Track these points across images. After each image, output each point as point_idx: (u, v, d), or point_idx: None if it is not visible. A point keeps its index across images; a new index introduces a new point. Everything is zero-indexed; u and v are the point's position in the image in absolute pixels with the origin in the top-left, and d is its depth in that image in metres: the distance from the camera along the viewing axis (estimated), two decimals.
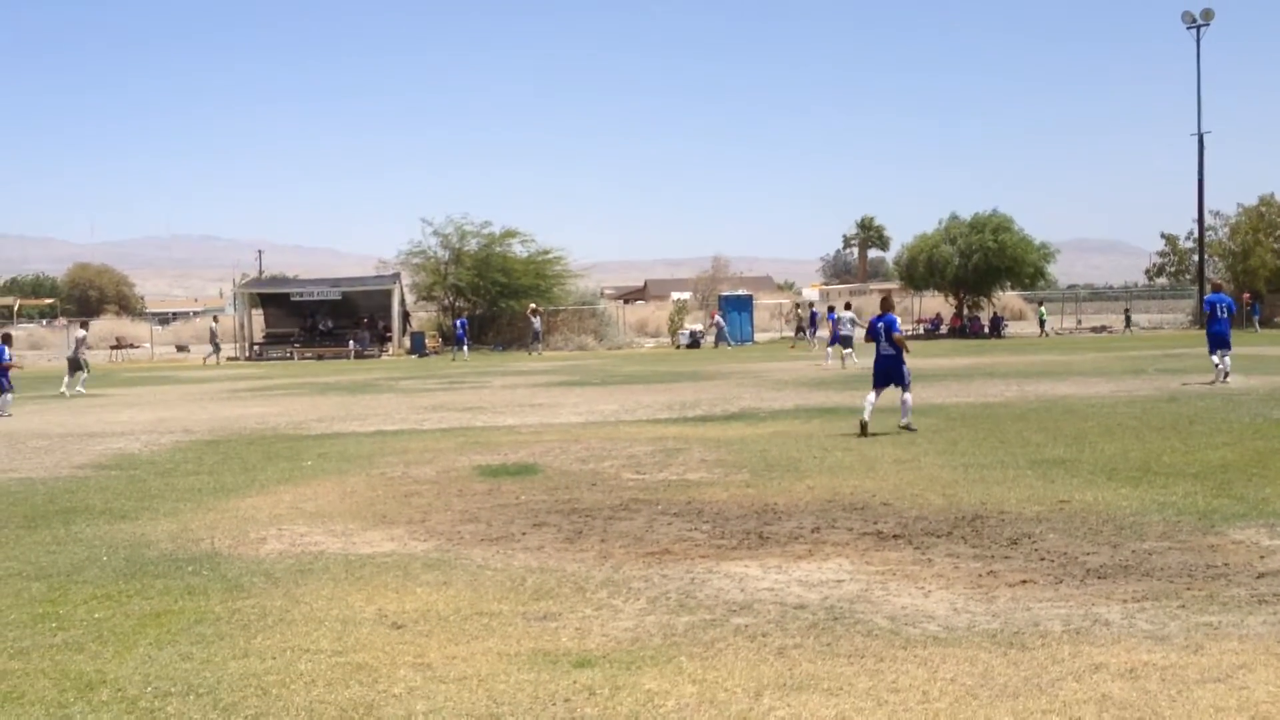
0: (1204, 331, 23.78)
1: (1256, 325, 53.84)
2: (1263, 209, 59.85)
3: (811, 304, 55.71)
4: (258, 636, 6.58)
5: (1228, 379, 21.97)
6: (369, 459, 14.42)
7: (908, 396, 16.32)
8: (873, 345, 17.23)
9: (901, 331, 17.32)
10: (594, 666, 5.81)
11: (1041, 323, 58.83)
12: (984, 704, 5.14)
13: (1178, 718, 4.92)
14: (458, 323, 50.31)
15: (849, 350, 33.27)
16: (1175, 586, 7.16)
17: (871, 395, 16.19)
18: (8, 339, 25.00)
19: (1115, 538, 8.64)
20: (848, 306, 37.10)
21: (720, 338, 53.56)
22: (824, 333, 41.37)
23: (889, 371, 16.50)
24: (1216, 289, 25.76)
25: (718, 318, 55.73)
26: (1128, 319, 60.08)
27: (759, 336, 58.46)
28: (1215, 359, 22.39)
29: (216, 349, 49.74)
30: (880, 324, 16.83)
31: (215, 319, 55.50)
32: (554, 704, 5.29)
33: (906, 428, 15.73)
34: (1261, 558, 7.87)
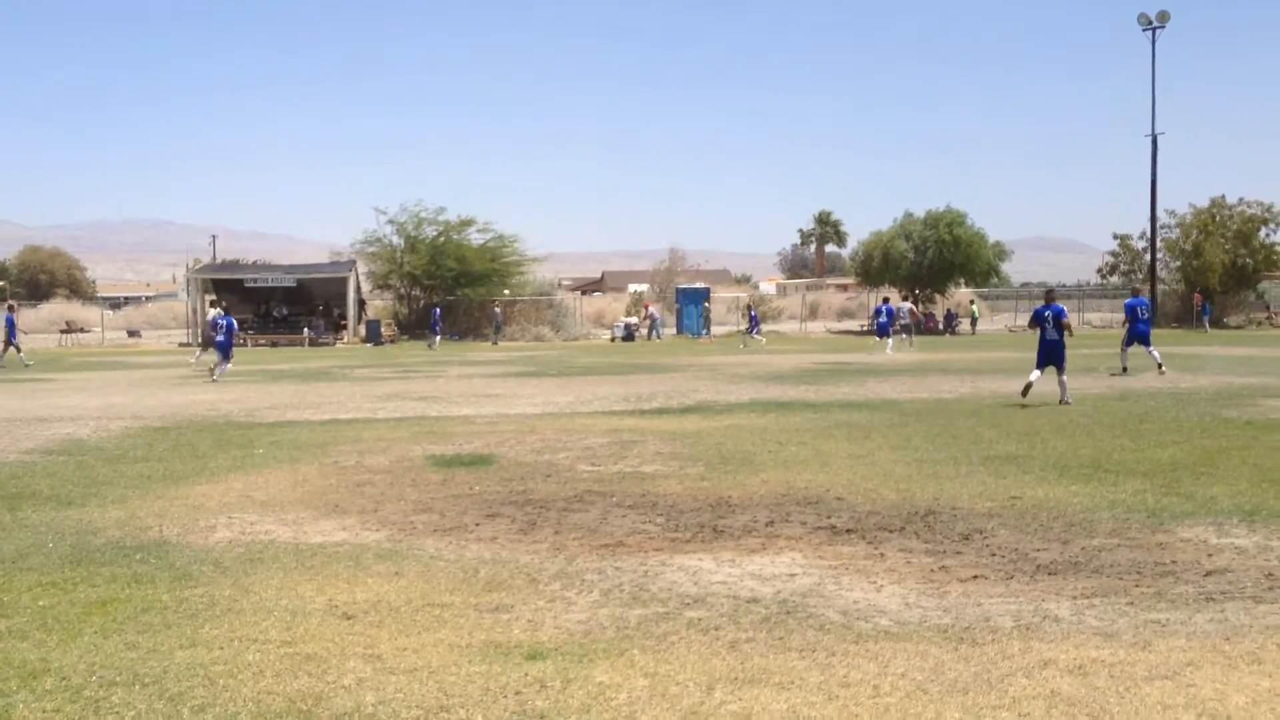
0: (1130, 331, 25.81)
1: (1206, 325, 54.57)
2: (1214, 210, 60.63)
3: (749, 304, 55.66)
4: (205, 626, 6.50)
5: (1162, 369, 24.43)
6: (322, 447, 14.31)
7: (1065, 378, 18.90)
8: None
9: (1069, 320, 19.87)
10: (546, 659, 5.79)
11: (974, 320, 59.04)
12: (934, 699, 5.16)
13: (1125, 714, 4.97)
14: (434, 311, 50.08)
15: (902, 337, 39.03)
16: (1124, 583, 7.23)
17: (1036, 373, 19.06)
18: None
19: (1065, 534, 8.71)
20: (905, 298, 43.73)
21: (653, 330, 53.45)
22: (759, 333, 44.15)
23: (1053, 354, 19.07)
24: (1136, 293, 27.97)
25: (651, 310, 55.66)
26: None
27: (716, 330, 58.53)
28: (1129, 352, 25.52)
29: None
30: (1048, 312, 19.36)
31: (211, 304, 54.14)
32: (505, 696, 5.26)
33: (1064, 402, 18.28)
34: (1209, 556, 7.96)
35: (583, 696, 5.25)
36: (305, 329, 52.29)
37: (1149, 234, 61.39)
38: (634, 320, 55.94)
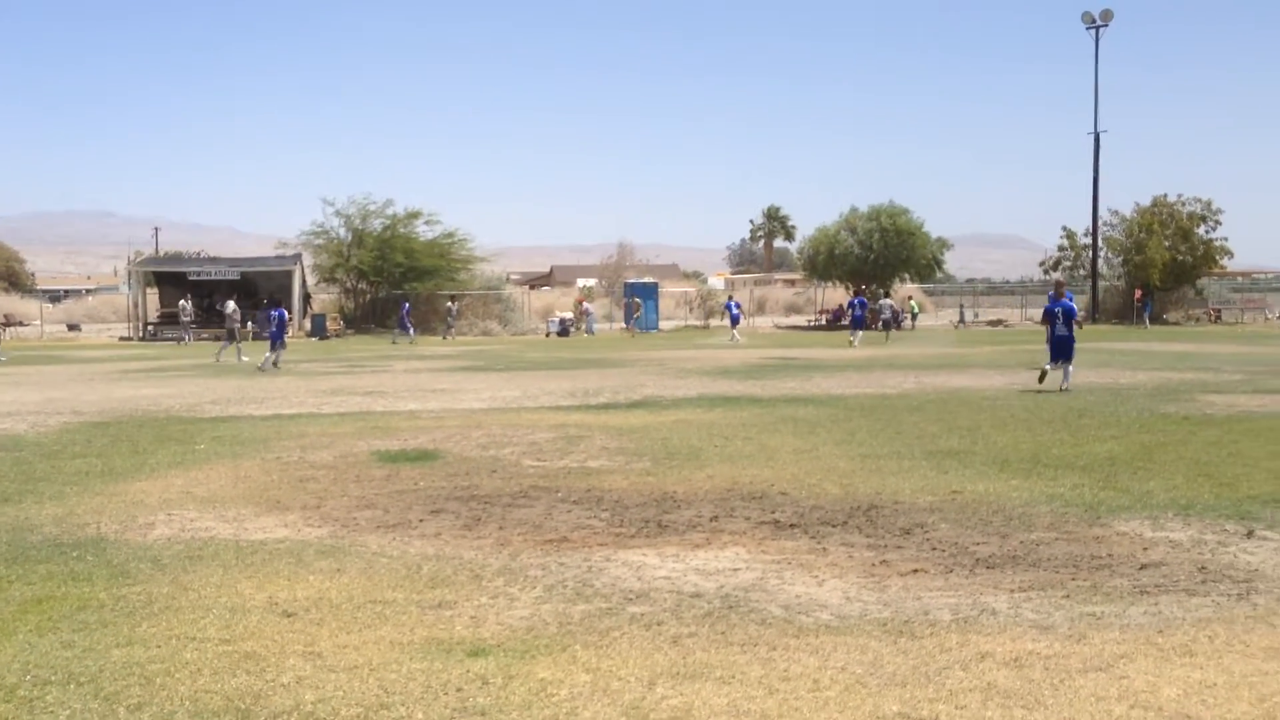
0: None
1: (1146, 321, 55.37)
2: (1156, 208, 61.49)
3: (636, 299, 55.61)
4: (143, 624, 6.43)
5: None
6: (264, 443, 14.18)
7: (1071, 368, 20.39)
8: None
9: (1078, 316, 21.61)
10: (488, 655, 5.78)
11: (913, 316, 59.39)
12: (873, 692, 5.21)
13: (1060, 706, 5.04)
14: (404, 306, 49.71)
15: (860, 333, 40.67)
16: (1061, 577, 7.33)
17: (1049, 364, 20.45)
18: None
19: (1005, 528, 8.82)
20: (858, 294, 46.30)
21: (588, 326, 53.30)
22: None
23: (1063, 347, 20.39)
24: (1058, 291, 26.58)
25: (586, 305, 55.56)
26: (961, 315, 62.72)
27: (664, 324, 58.62)
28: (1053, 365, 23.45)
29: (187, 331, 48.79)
30: (1058, 309, 20.76)
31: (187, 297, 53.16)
32: (446, 693, 5.25)
33: (1065, 390, 19.71)
34: (1144, 549, 8.09)
35: (524, 693, 5.25)
36: (249, 323, 51.75)
37: (1092, 231, 62.22)
38: (569, 316, 55.67)
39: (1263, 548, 8.10)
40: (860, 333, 40.86)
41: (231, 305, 36.52)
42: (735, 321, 47.32)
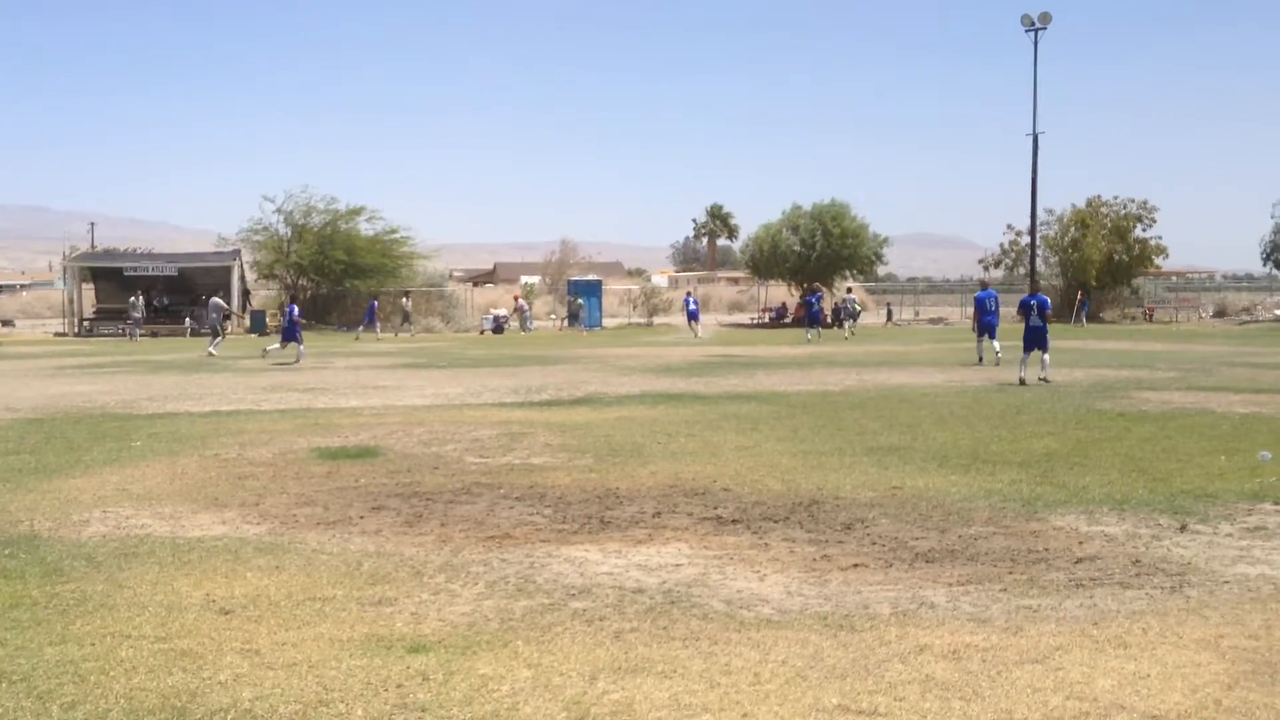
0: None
1: (1083, 320, 56.12)
2: (1091, 208, 62.30)
3: (576, 298, 55.71)
4: (77, 622, 6.33)
5: (998, 359, 25.83)
6: (202, 440, 14.01)
7: (1047, 357, 21.37)
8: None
9: (1050, 310, 22.82)
10: (428, 652, 5.75)
11: (855, 315, 59.66)
12: (813, 685, 5.25)
13: (997, 697, 5.10)
14: (371, 304, 49.31)
15: (851, 322, 43.95)
16: (998, 570, 7.42)
17: (1025, 357, 21.36)
18: None
19: (944, 523, 8.91)
20: (814, 290, 48.27)
21: (524, 323, 53.07)
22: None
23: (1038, 339, 21.37)
24: (984, 286, 29.44)
25: (521, 302, 55.32)
26: (889, 313, 63.57)
27: (608, 322, 58.61)
28: (983, 345, 26.79)
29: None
30: (1034, 302, 22.01)
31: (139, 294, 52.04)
32: (386, 690, 5.22)
33: (1046, 380, 20.84)
34: (1080, 543, 8.21)
35: (465, 689, 5.22)
36: (187, 319, 51.11)
37: (1030, 230, 62.94)
38: (503, 312, 55.07)
39: (1195, 541, 8.25)
40: (818, 329, 41.50)
41: (217, 300, 37.65)
42: (694, 317, 48.05)
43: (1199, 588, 6.98)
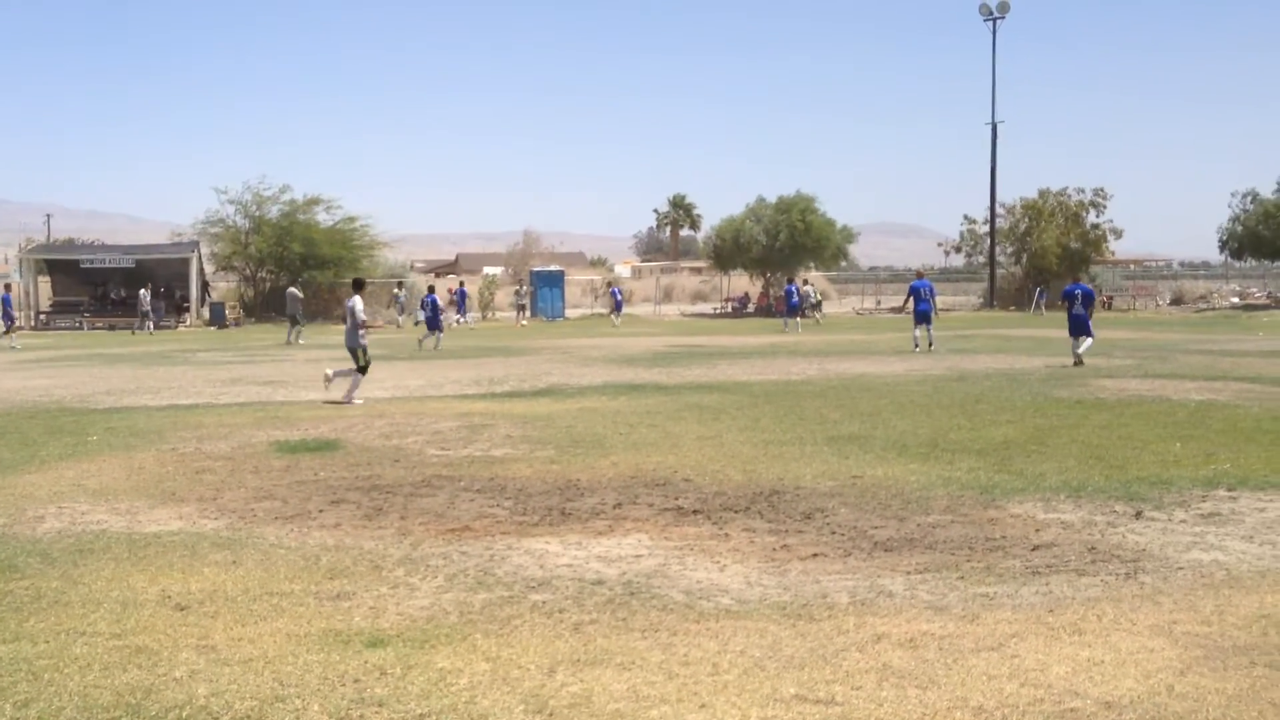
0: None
1: (1042, 308, 56.55)
2: (1045, 197, 62.71)
3: (609, 283, 55.77)
4: (31, 619, 6.26)
5: (932, 347, 27.52)
6: (160, 434, 13.88)
7: (1090, 342, 22.88)
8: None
9: (1095, 298, 24.92)
10: (387, 646, 5.72)
11: (815, 305, 59.80)
12: (771, 675, 5.27)
13: (953, 685, 5.13)
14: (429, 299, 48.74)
15: (797, 319, 42.36)
16: (956, 558, 7.47)
17: (1075, 341, 22.72)
18: None
19: (902, 512, 8.96)
20: (805, 282, 49.16)
21: (462, 315, 52.37)
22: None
23: (1079, 325, 22.84)
24: (920, 276, 31.28)
25: (461, 291, 54.66)
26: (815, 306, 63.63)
27: (570, 312, 58.52)
28: (918, 332, 28.31)
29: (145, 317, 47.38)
30: (1077, 291, 23.57)
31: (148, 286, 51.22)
32: (343, 685, 5.19)
33: (1079, 361, 22.24)
34: (1036, 531, 8.27)
35: (423, 683, 5.21)
36: (147, 310, 50.59)
37: (989, 218, 63.40)
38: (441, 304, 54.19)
39: (1150, 528, 8.33)
40: (797, 319, 42.11)
41: (293, 290, 38.98)
42: (619, 308, 50.24)
43: (1153, 574, 7.06)
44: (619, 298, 51.72)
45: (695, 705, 4.92)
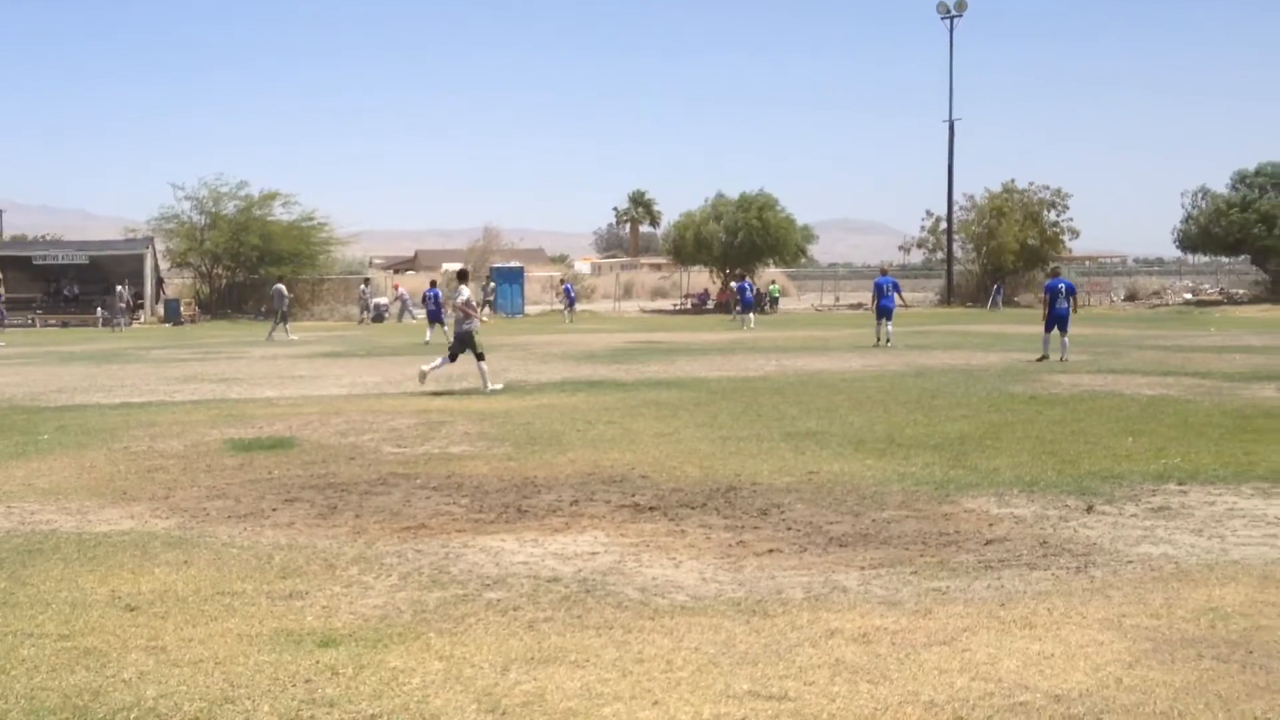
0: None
1: (999, 304, 57.00)
2: (1006, 195, 63.16)
3: (562, 280, 55.88)
4: None
5: (889, 343, 28.17)
6: (112, 432, 13.72)
7: (1067, 340, 22.85)
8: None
9: (1076, 294, 25.05)
10: (339, 645, 5.68)
11: (774, 300, 59.95)
12: (724, 671, 5.27)
13: (904, 679, 5.16)
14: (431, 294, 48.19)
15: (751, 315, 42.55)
16: (910, 553, 7.51)
17: (1047, 336, 22.96)
18: None
19: (858, 507, 9.00)
20: (742, 277, 48.97)
21: (404, 312, 51.54)
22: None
23: (1062, 320, 22.96)
24: (883, 272, 32.19)
25: (401, 290, 54.09)
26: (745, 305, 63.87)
27: (530, 309, 58.39)
28: (880, 328, 28.86)
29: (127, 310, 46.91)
30: (1062, 285, 23.57)
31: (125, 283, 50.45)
32: (294, 685, 5.15)
33: (1064, 359, 22.27)
34: (990, 525, 8.34)
35: (375, 682, 5.18)
36: (99, 308, 50.06)
37: (947, 215, 63.80)
38: (384, 301, 53.24)
39: (1101, 522, 8.41)
40: (751, 315, 42.37)
41: (280, 287, 38.69)
42: (571, 305, 51.36)
43: (1104, 568, 7.13)
44: (572, 294, 52.60)
45: (648, 702, 4.92)
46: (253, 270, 53.95)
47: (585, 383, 19.55)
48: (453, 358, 18.68)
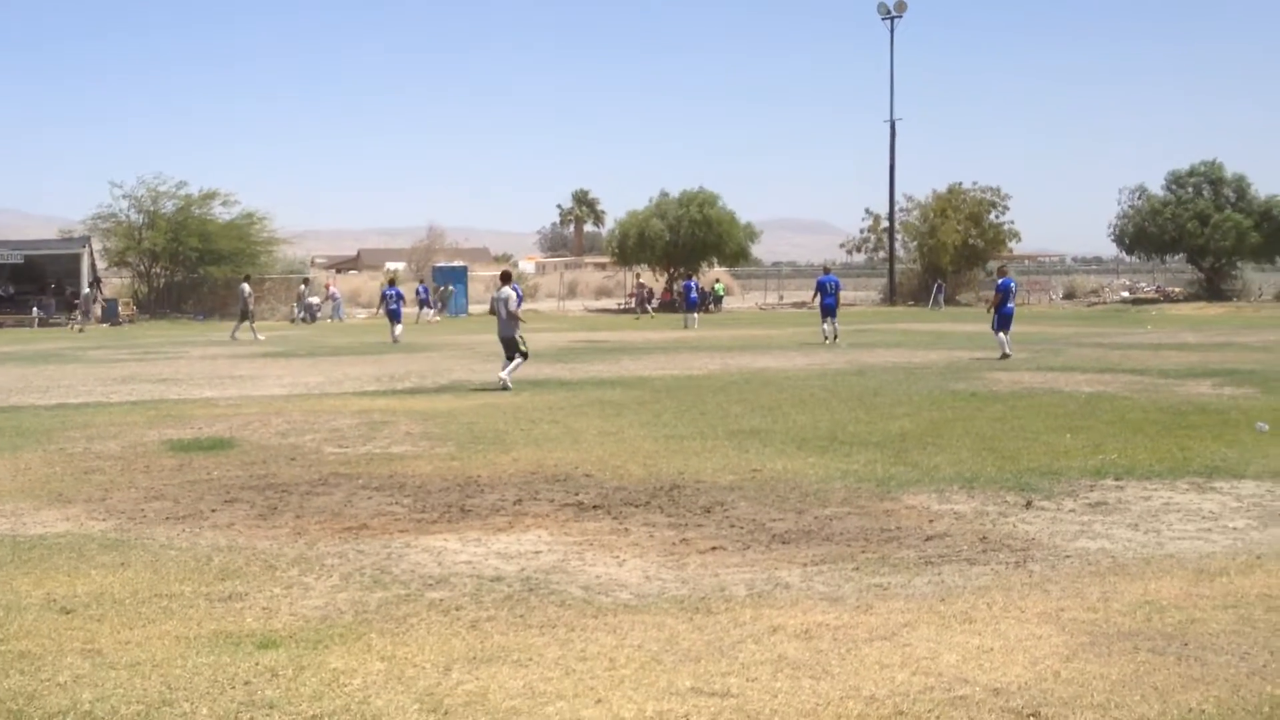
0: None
1: (941, 303, 57.54)
2: (950, 196, 63.74)
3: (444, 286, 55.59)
4: None
5: (836, 340, 28.72)
6: (47, 434, 13.49)
7: (1007, 337, 23.30)
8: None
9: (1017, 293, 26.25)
10: (279, 647, 5.63)
11: (718, 299, 60.02)
12: (667, 668, 5.28)
13: (846, 675, 5.20)
14: (421, 287, 47.23)
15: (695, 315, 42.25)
16: (852, 550, 7.57)
17: (1003, 335, 23.14)
18: None
19: (801, 504, 9.05)
20: (689, 276, 49.10)
21: (335, 312, 50.65)
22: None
23: (1009, 319, 23.55)
24: (826, 271, 32.75)
25: (333, 289, 53.42)
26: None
27: (474, 309, 58.10)
28: (825, 326, 29.37)
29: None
30: (1012, 284, 24.26)
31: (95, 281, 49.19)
32: (233, 687, 5.09)
33: (1006, 356, 22.61)
34: (930, 521, 8.42)
35: (315, 684, 5.13)
36: (34, 308, 49.16)
37: (889, 215, 64.30)
38: (315, 300, 51.69)
39: (1040, 517, 8.52)
40: (696, 315, 42.34)
41: (246, 287, 37.81)
42: (519, 302, 49.47)
43: (1042, 562, 7.22)
44: (519, 294, 51.91)
45: (591, 700, 4.92)
46: (192, 270, 53.24)
47: (529, 382, 19.47)
48: (522, 356, 18.85)
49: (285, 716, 4.78)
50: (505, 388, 17.94)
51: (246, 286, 38.43)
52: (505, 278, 20.48)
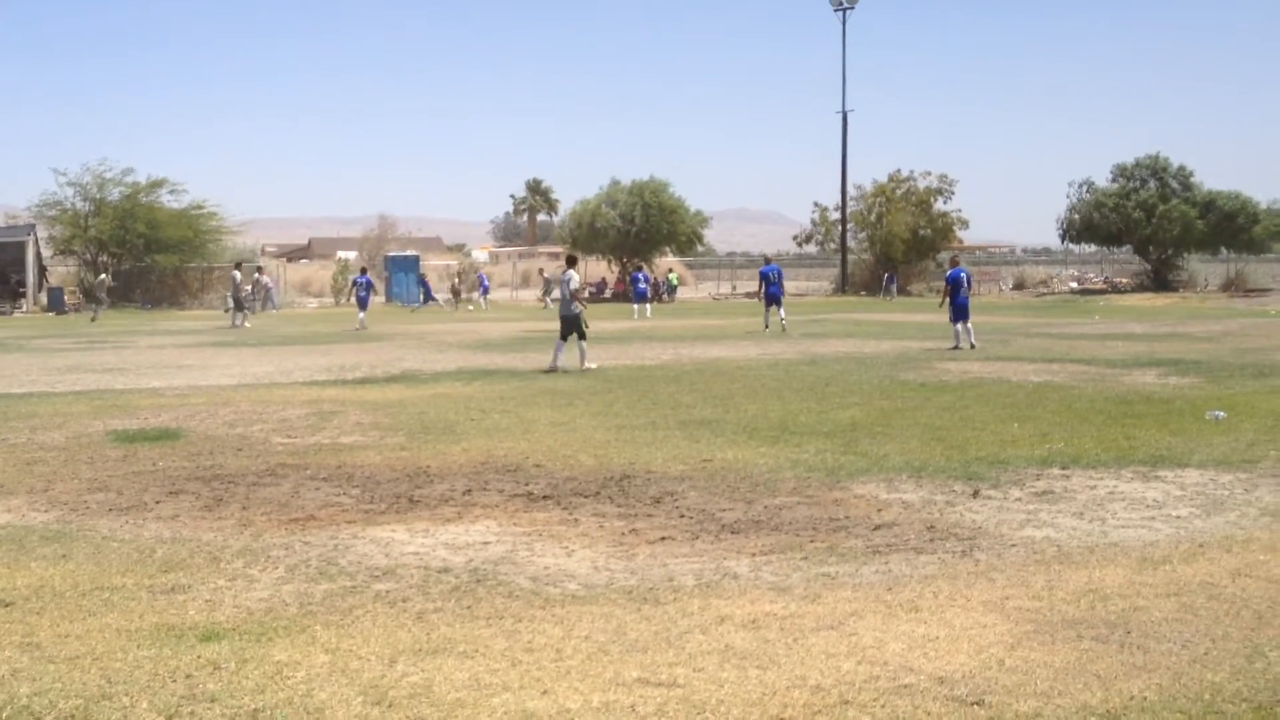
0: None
1: (893, 293, 57.87)
2: (894, 184, 64.04)
3: (470, 269, 56.14)
4: None
5: (785, 329, 29.21)
6: None
7: (970, 327, 23.31)
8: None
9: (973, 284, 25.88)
10: (222, 640, 5.57)
11: (672, 289, 60.03)
12: (614, 659, 5.27)
13: (793, 664, 5.21)
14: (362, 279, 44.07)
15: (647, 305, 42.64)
16: (800, 539, 7.59)
17: (959, 326, 23.16)
18: None
19: (750, 494, 9.07)
20: (638, 268, 49.91)
21: (267, 301, 49.16)
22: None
23: (964, 310, 23.40)
24: (768, 261, 33.70)
25: (265, 278, 52.36)
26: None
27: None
28: (769, 315, 29.86)
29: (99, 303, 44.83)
30: (963, 274, 24.16)
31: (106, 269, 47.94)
32: (174, 680, 5.03)
33: (971, 346, 22.69)
34: (879, 510, 8.46)
35: (258, 677, 5.07)
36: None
37: (840, 206, 64.57)
38: (248, 289, 51.46)
39: (986, 506, 8.59)
40: (647, 305, 42.68)
41: (238, 275, 38.25)
42: (485, 292, 53.33)
43: (988, 551, 7.27)
44: (485, 284, 54.40)
45: (537, 692, 4.90)
46: (139, 258, 52.59)
47: (480, 372, 19.43)
48: (564, 338, 19.81)
49: (227, 710, 4.73)
50: (587, 369, 19.11)
51: (238, 274, 38.53)
52: (571, 261, 22.13)
